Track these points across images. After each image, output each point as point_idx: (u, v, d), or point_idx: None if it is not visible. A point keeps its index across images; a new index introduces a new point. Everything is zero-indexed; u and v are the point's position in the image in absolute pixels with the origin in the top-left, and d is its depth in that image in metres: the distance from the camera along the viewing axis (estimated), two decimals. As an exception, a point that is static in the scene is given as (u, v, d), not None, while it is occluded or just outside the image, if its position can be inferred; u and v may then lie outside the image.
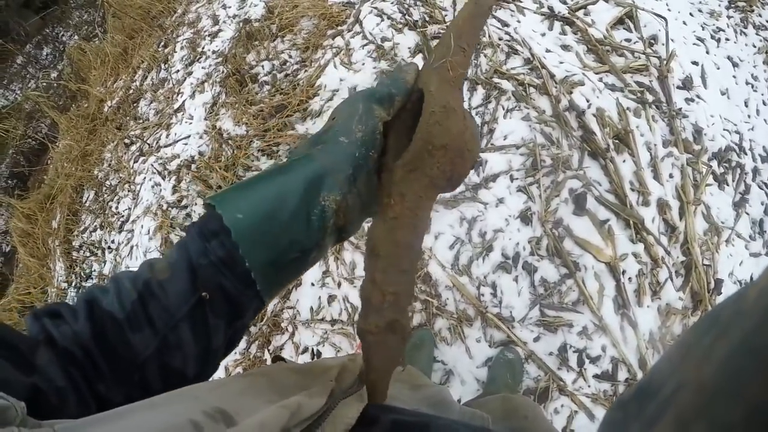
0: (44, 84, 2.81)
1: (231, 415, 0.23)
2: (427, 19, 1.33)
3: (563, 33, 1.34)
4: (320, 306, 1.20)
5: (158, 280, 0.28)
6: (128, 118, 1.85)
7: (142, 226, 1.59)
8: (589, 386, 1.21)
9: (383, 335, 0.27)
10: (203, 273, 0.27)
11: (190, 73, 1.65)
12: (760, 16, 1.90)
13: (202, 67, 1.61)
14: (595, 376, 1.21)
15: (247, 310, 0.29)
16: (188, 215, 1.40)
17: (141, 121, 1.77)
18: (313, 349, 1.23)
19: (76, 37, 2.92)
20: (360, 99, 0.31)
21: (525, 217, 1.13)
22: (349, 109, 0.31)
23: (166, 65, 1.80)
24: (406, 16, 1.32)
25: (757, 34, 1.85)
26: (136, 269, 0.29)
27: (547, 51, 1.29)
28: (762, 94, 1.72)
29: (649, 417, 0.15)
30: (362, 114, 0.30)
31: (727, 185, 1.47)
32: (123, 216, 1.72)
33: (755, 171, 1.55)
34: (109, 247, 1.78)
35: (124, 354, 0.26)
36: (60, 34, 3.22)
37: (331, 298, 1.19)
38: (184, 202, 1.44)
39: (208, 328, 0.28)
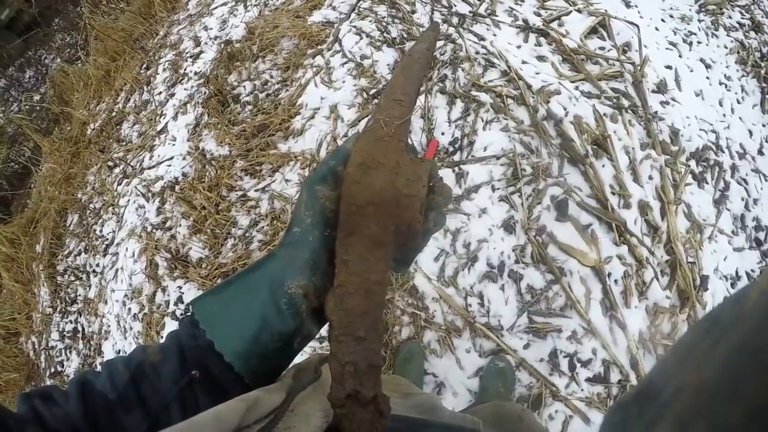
0: (27, 107, 2.79)
1: None
2: (405, 35, 1.35)
3: (538, 44, 1.38)
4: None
5: (151, 362, 0.29)
6: (111, 140, 1.84)
7: (126, 249, 1.58)
8: (582, 390, 1.21)
9: (349, 407, 0.26)
10: (191, 354, 0.29)
11: (172, 95, 1.65)
12: (730, 18, 1.96)
13: (185, 89, 1.62)
14: (588, 380, 1.21)
15: (232, 392, 0.29)
16: (173, 237, 1.39)
17: (124, 143, 1.77)
18: (303, 368, 1.22)
19: (58, 59, 2.91)
20: (304, 185, 0.32)
21: (508, 226, 1.14)
22: (298, 199, 0.32)
23: (149, 87, 1.80)
24: (385, 34, 1.34)
25: (728, 35, 1.91)
26: (128, 353, 0.30)
27: (524, 62, 1.32)
28: (736, 93, 1.77)
29: (649, 419, 0.15)
30: (307, 200, 0.31)
31: (707, 183, 1.50)
32: (107, 239, 1.70)
33: (733, 168, 1.58)
34: (93, 271, 1.76)
35: None
36: (43, 56, 3.21)
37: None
38: (168, 224, 1.43)
39: (198, 408, 0.28)
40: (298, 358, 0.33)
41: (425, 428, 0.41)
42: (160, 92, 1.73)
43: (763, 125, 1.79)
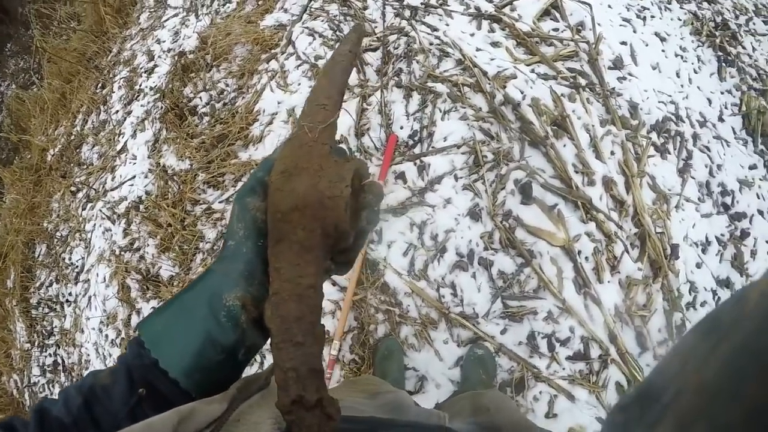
0: (-14, 139, 2.70)
1: None
2: (357, 31, 1.34)
3: (492, 30, 1.38)
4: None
5: (101, 384, 0.30)
6: (72, 164, 1.79)
7: (97, 274, 1.54)
8: (563, 369, 1.22)
9: (296, 412, 0.27)
10: (138, 373, 0.30)
11: (129, 113, 1.61)
12: (682, -10, 1.99)
13: (141, 105, 1.58)
14: (568, 358, 1.23)
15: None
16: (142, 257, 1.36)
17: (85, 166, 1.72)
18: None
19: (13, 86, 2.82)
20: (234, 199, 0.33)
21: (474, 214, 1.15)
22: (231, 213, 0.33)
23: (105, 107, 1.76)
24: (337, 32, 1.33)
25: (681, 7, 1.95)
26: (81, 379, 0.31)
27: (478, 50, 1.32)
28: (692, 64, 1.80)
29: (650, 420, 0.15)
30: (238, 213, 0.32)
31: (669, 154, 1.53)
32: (77, 266, 1.66)
33: (695, 136, 1.61)
34: (67, 300, 1.71)
35: None
36: (-2, 85, 3.10)
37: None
38: (136, 245, 1.39)
39: None
40: (250, 371, 0.33)
41: (388, 429, 0.41)
42: (117, 111, 1.69)
43: (722, 92, 1.83)
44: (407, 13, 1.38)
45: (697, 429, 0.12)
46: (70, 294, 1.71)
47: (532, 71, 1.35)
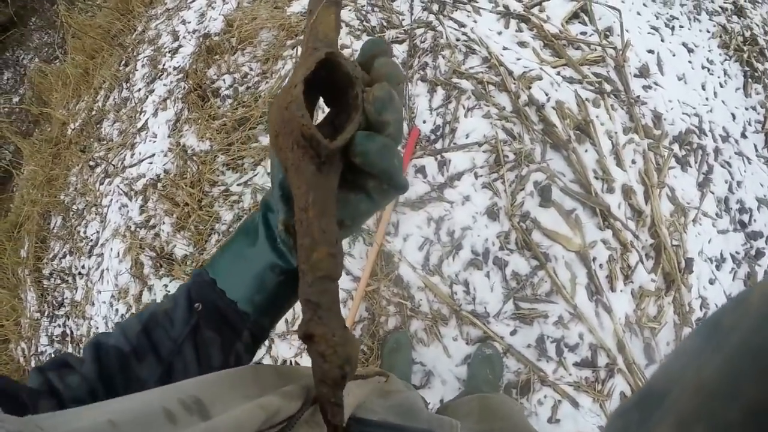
0: (6, 109, 2.73)
1: (206, 405, 0.23)
2: (385, 24, 1.33)
3: (519, 30, 1.37)
4: (294, 317, 1.19)
5: (163, 309, 0.30)
6: (92, 139, 1.81)
7: (111, 249, 1.56)
8: (570, 374, 1.22)
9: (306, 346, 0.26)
10: (196, 289, 0.30)
11: (151, 91, 1.62)
12: (712, 2, 1.96)
13: (164, 84, 1.59)
14: (575, 364, 1.22)
15: (242, 329, 0.30)
16: (157, 235, 1.37)
17: (105, 142, 1.74)
18: (291, 361, 1.21)
19: (36, 59, 2.85)
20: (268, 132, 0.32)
21: (492, 213, 1.14)
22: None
23: (128, 84, 1.77)
24: (364, 23, 1.32)
25: (710, 19, 1.91)
26: (141, 311, 0.31)
27: (505, 48, 1.31)
28: (718, 77, 1.78)
29: (651, 424, 0.15)
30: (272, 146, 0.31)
31: (690, 167, 1.51)
32: (92, 240, 1.68)
33: (716, 151, 1.59)
34: (79, 273, 1.74)
35: (130, 387, 0.27)
36: (20, 57, 3.14)
37: (306, 309, 1.18)
38: (151, 222, 1.41)
39: (205, 344, 0.29)
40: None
41: None
42: (140, 89, 1.70)
43: (746, 108, 1.80)
44: (435, 7, 1.38)
45: (697, 429, 0.12)
46: (83, 267, 1.73)
47: (558, 74, 1.34)
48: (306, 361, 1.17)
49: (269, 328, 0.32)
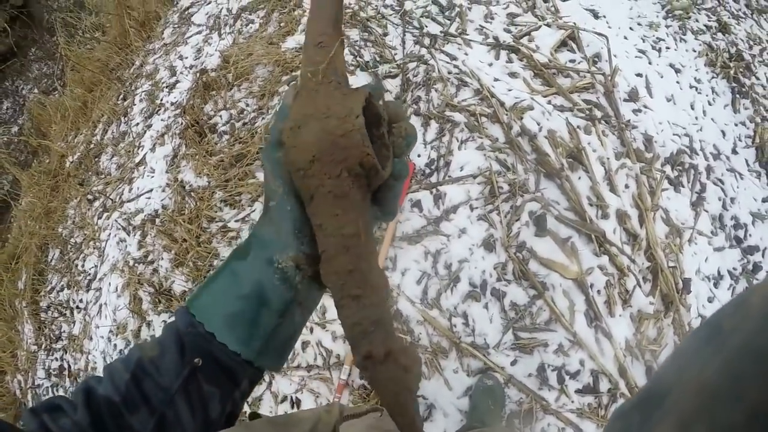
0: (5, 139, 2.76)
1: None
2: (378, 59, 1.37)
3: (510, 61, 1.40)
4: (294, 353, 1.19)
5: (149, 357, 0.28)
6: (90, 173, 1.83)
7: (109, 284, 1.56)
8: (572, 402, 1.21)
9: (370, 369, 0.26)
10: (191, 341, 0.28)
11: (149, 126, 1.64)
12: (697, 21, 2.01)
13: (162, 119, 1.61)
14: (578, 391, 1.22)
15: (242, 379, 0.30)
16: (155, 270, 1.37)
17: (103, 176, 1.75)
18: (291, 398, 1.20)
19: (36, 90, 2.89)
20: (263, 158, 0.31)
21: (488, 245, 1.15)
22: (264, 173, 0.31)
23: (126, 118, 1.80)
24: (358, 58, 1.35)
25: (695, 38, 1.96)
26: (126, 353, 0.30)
27: (496, 80, 1.34)
28: (707, 95, 1.81)
29: (651, 424, 0.15)
30: (272, 170, 0.30)
31: (683, 187, 1.53)
32: (90, 274, 1.68)
33: (708, 169, 1.61)
34: (77, 307, 1.73)
35: None
36: (20, 87, 3.18)
37: (305, 344, 1.18)
38: (150, 258, 1.41)
39: (203, 398, 0.28)
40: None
41: None
42: (138, 123, 1.72)
43: (735, 124, 1.83)
44: (427, 41, 1.41)
45: (698, 429, 0.12)
46: (80, 300, 1.73)
47: (549, 102, 1.37)
48: (307, 398, 1.16)
49: (276, 367, 0.31)
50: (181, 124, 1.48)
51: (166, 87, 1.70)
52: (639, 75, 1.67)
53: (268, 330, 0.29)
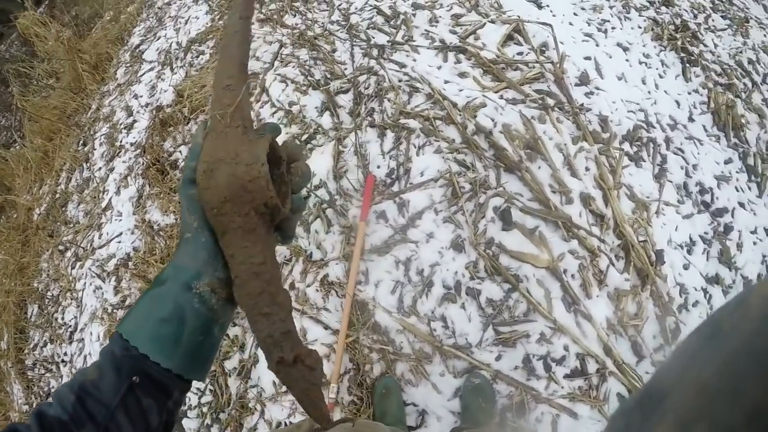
0: (-29, 199, 2.70)
1: None
2: (329, 76, 1.38)
3: (458, 61, 1.42)
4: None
5: (90, 380, 0.31)
6: (59, 223, 1.80)
7: (91, 333, 1.53)
8: (562, 387, 1.23)
9: (283, 371, 0.30)
10: (128, 363, 0.31)
11: (112, 169, 1.63)
12: (639, -2, 2.06)
13: (123, 161, 1.60)
14: (566, 376, 1.23)
15: (173, 391, 0.33)
16: (133, 315, 1.36)
17: (72, 224, 1.73)
18: (285, 423, 1.20)
19: (-4, 145, 2.83)
20: (180, 195, 0.35)
21: (457, 245, 1.17)
22: (181, 207, 0.35)
23: (88, 164, 1.78)
24: (309, 77, 1.36)
25: (640, 15, 2.01)
26: (70, 379, 0.33)
27: (446, 82, 1.36)
28: (657, 69, 1.86)
29: (651, 423, 0.15)
30: (187, 206, 0.34)
31: (644, 161, 1.56)
32: (70, 326, 1.65)
33: (667, 140, 1.65)
34: (62, 361, 1.70)
35: None
36: (-19, 143, 3.11)
37: (291, 369, 1.17)
38: (127, 302, 1.39)
39: (142, 410, 0.32)
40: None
41: None
42: (100, 168, 1.70)
43: (689, 93, 1.87)
44: (375, 51, 1.43)
45: (698, 429, 0.12)
46: (65, 354, 1.70)
47: (501, 97, 1.39)
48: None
49: (202, 377, 0.35)
50: (143, 163, 1.47)
51: (124, 128, 1.69)
52: (587, 58, 1.71)
53: (192, 347, 0.33)
